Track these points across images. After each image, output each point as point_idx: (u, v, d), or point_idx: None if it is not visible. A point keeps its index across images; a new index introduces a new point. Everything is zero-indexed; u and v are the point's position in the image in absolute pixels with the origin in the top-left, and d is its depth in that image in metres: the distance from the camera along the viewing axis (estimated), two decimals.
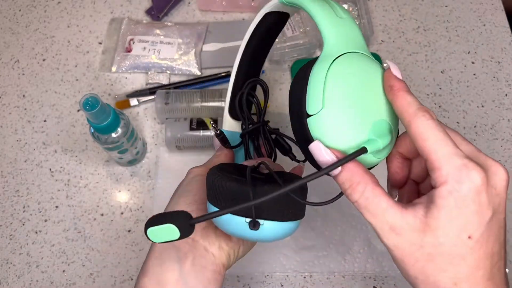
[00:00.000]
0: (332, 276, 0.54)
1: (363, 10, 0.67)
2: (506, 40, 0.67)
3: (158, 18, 0.69)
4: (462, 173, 0.26)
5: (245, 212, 0.32)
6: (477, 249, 0.26)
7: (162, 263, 0.36)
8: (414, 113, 0.28)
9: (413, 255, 0.27)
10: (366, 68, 0.31)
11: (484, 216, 0.26)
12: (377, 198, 0.28)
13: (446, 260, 0.26)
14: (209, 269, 0.36)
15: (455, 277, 0.26)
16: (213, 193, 0.34)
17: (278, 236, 0.34)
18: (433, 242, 0.27)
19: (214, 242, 0.37)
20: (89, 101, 0.47)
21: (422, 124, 0.28)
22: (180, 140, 0.58)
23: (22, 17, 0.71)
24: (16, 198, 0.59)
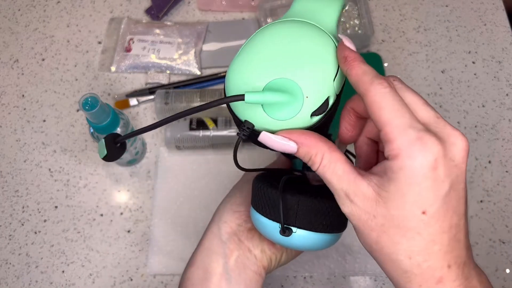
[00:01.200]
0: (332, 276, 0.54)
1: (364, 9, 0.67)
2: (507, 40, 0.67)
3: (157, 17, 0.69)
4: (415, 148, 0.25)
5: (278, 218, 0.33)
6: (432, 224, 0.25)
7: (209, 255, 0.38)
8: (370, 82, 0.27)
9: (368, 224, 0.27)
10: (298, 35, 0.30)
11: (440, 191, 0.25)
12: (333, 164, 0.28)
13: (399, 233, 0.26)
14: (251, 269, 0.38)
15: (409, 250, 0.26)
16: (253, 196, 0.36)
17: (310, 246, 0.34)
18: (385, 213, 0.26)
19: (258, 244, 0.39)
20: (89, 101, 0.47)
21: (377, 92, 0.26)
22: (179, 140, 0.58)
23: (21, 16, 0.71)
24: (16, 198, 0.59)
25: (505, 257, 0.55)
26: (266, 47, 0.30)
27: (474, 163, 0.59)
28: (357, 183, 0.27)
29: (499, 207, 0.57)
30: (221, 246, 0.38)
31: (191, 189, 0.58)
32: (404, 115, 0.26)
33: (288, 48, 0.29)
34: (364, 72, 0.27)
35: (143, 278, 0.54)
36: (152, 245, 0.55)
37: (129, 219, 0.57)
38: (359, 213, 0.27)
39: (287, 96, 0.28)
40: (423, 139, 0.25)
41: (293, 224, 0.33)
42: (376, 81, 0.27)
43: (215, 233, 0.39)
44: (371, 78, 0.27)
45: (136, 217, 0.57)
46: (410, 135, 0.25)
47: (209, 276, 0.37)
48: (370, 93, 0.27)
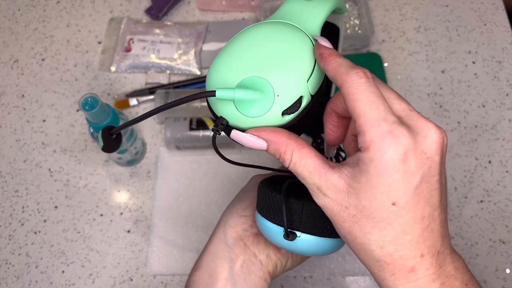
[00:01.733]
0: (332, 276, 0.54)
1: (364, 9, 0.67)
2: (507, 39, 0.67)
3: (157, 17, 0.69)
4: (386, 140, 0.25)
5: (283, 222, 0.33)
6: (403, 215, 0.26)
7: (215, 259, 0.38)
8: (346, 72, 0.27)
9: (340, 215, 0.28)
10: (276, 36, 0.31)
11: (411, 183, 0.25)
12: (304, 160, 0.28)
13: (370, 224, 0.26)
14: (256, 274, 0.38)
15: (380, 240, 0.26)
16: (259, 201, 0.36)
17: (314, 250, 0.34)
18: (356, 204, 0.27)
19: (263, 250, 0.39)
20: (89, 101, 0.47)
21: (353, 83, 0.26)
22: (179, 140, 0.58)
23: (21, 16, 0.71)
24: (15, 199, 0.59)
25: (505, 257, 0.55)
26: (244, 47, 0.31)
27: (474, 163, 0.59)
28: (328, 177, 0.28)
29: (499, 207, 0.57)
30: (226, 251, 0.38)
31: (191, 189, 0.58)
32: (378, 108, 0.26)
33: (264, 48, 0.30)
34: (339, 64, 0.28)
35: (143, 278, 0.54)
36: (152, 245, 0.55)
37: (129, 219, 0.57)
38: (331, 205, 0.28)
39: (257, 94, 0.29)
40: (394, 131, 0.25)
41: (297, 228, 0.33)
42: (351, 72, 0.27)
43: (220, 237, 0.39)
44: (346, 69, 0.27)
45: (136, 217, 0.57)
46: (382, 127, 0.25)
47: (214, 281, 0.37)
48: (346, 83, 0.27)
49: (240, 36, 0.32)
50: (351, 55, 0.66)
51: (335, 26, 0.44)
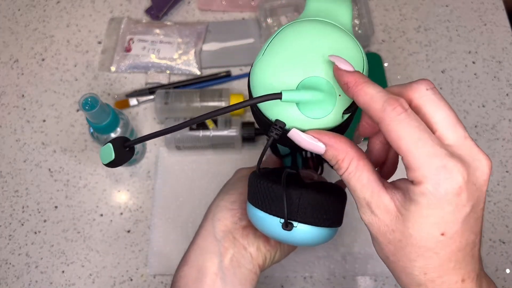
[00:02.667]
0: (332, 277, 0.54)
1: (364, 9, 0.67)
2: (507, 39, 0.67)
3: (157, 17, 0.69)
4: (439, 176, 0.24)
5: (279, 212, 0.33)
6: (450, 244, 0.26)
7: (203, 253, 0.38)
8: (381, 109, 0.25)
9: (386, 236, 0.27)
10: (322, 33, 0.30)
11: (461, 214, 0.25)
12: (359, 172, 0.28)
13: (416, 252, 0.26)
14: (246, 267, 0.38)
15: (425, 267, 0.26)
16: (251, 192, 0.35)
17: (311, 240, 0.34)
18: (403, 231, 0.26)
19: (253, 242, 0.39)
20: (89, 101, 0.47)
21: (392, 121, 0.25)
22: (179, 140, 0.58)
23: (21, 16, 0.71)
24: (15, 199, 0.59)
25: (505, 257, 0.55)
26: (293, 46, 0.30)
27: None
28: (381, 195, 0.27)
29: (499, 207, 0.57)
30: (215, 245, 0.38)
31: (191, 189, 0.58)
32: (425, 144, 0.25)
33: (316, 47, 0.29)
34: (371, 98, 0.26)
35: (143, 278, 0.54)
36: (152, 245, 0.55)
37: (129, 219, 0.57)
38: (378, 224, 0.27)
39: (321, 94, 0.29)
40: (447, 166, 0.24)
41: (294, 218, 0.33)
42: (388, 108, 0.25)
43: (209, 231, 0.39)
44: (381, 105, 0.25)
45: (136, 217, 0.57)
46: (434, 163, 0.24)
47: (202, 276, 0.37)
48: (384, 121, 0.25)
49: (283, 35, 0.31)
50: None
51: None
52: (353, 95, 0.27)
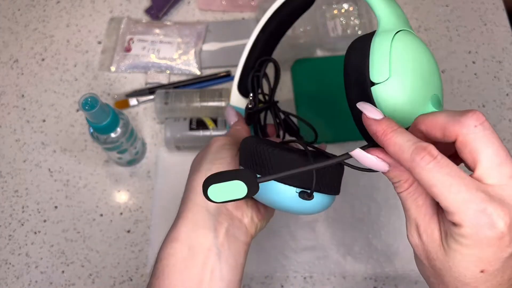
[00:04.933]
0: (332, 277, 0.54)
1: (364, 9, 0.67)
2: (507, 39, 0.67)
3: (157, 17, 0.69)
4: (479, 221, 0.24)
5: (298, 182, 0.33)
6: (490, 280, 0.26)
7: (196, 229, 0.35)
8: (411, 160, 0.25)
9: (428, 261, 0.28)
10: (419, 44, 0.31)
11: (503, 254, 0.25)
12: (417, 194, 0.28)
13: (455, 283, 0.26)
14: (241, 240, 0.36)
15: None
16: (259, 162, 0.34)
17: (319, 209, 0.35)
18: (444, 262, 0.26)
19: (247, 213, 0.37)
20: (88, 101, 0.47)
21: (423, 171, 0.25)
22: (179, 140, 0.58)
23: (21, 16, 0.71)
24: (15, 199, 0.59)
25: None
26: (415, 65, 0.30)
27: None
28: (431, 221, 0.27)
29: None
30: (209, 219, 0.35)
31: None
32: (459, 190, 0.24)
33: (427, 63, 0.31)
34: (400, 148, 0.26)
35: (143, 278, 0.54)
36: (152, 245, 0.55)
37: (129, 219, 0.57)
38: (422, 248, 0.28)
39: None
40: (486, 211, 0.24)
41: (309, 187, 0.33)
42: (416, 158, 0.25)
43: (200, 204, 0.36)
44: (410, 155, 0.25)
45: (136, 217, 0.57)
46: (471, 208, 0.24)
47: (195, 253, 0.35)
48: (414, 171, 0.25)
49: (398, 47, 0.30)
50: None
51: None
52: (383, 144, 0.28)
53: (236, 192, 0.28)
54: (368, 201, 0.56)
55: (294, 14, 0.47)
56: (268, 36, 0.47)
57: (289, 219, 0.56)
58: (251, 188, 0.28)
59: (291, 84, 0.64)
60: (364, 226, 0.56)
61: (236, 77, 0.48)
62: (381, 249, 0.54)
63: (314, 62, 0.66)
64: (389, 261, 0.54)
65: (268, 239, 0.55)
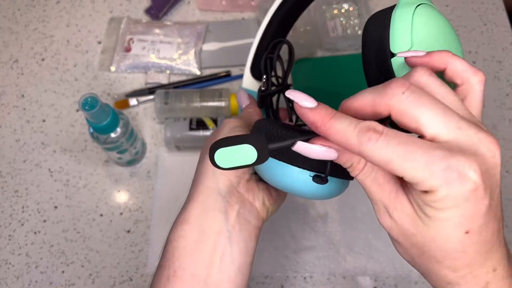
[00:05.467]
0: (332, 277, 0.54)
1: (364, 9, 0.67)
2: (507, 39, 0.67)
3: (157, 17, 0.69)
4: (448, 179, 0.22)
5: (313, 165, 0.32)
6: (476, 239, 0.24)
7: (207, 211, 0.35)
8: (359, 144, 0.24)
9: (408, 240, 0.26)
10: (441, 17, 0.31)
11: (482, 207, 0.23)
12: (375, 172, 0.26)
13: (442, 254, 0.25)
14: (252, 223, 0.36)
15: (453, 266, 0.25)
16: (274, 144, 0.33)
17: (334, 193, 0.34)
18: (425, 235, 0.25)
19: (258, 196, 0.37)
20: (88, 101, 0.47)
21: (375, 151, 0.23)
22: (179, 140, 0.58)
23: (21, 16, 0.71)
24: (15, 199, 0.59)
25: None
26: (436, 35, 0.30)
27: None
28: (398, 197, 0.25)
29: None
30: (220, 201, 0.35)
31: None
32: (416, 156, 0.23)
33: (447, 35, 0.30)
34: (344, 134, 0.24)
35: (143, 279, 0.54)
36: (152, 245, 0.55)
37: (129, 219, 0.57)
38: (398, 228, 0.26)
39: None
40: (451, 167, 0.22)
41: (324, 171, 0.32)
42: (363, 140, 0.24)
43: (210, 187, 0.36)
44: (356, 140, 0.24)
45: (136, 217, 0.57)
46: (436, 169, 0.23)
47: (205, 236, 0.34)
48: (366, 153, 0.24)
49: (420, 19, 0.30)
50: (351, 55, 0.66)
51: None
52: (325, 134, 0.25)
53: (245, 158, 0.27)
54: (368, 201, 0.56)
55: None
56: (282, 17, 0.46)
57: (289, 219, 0.56)
58: (261, 154, 0.27)
59: (291, 85, 0.64)
60: (364, 226, 0.56)
61: (249, 59, 0.47)
62: (381, 249, 0.54)
63: (314, 62, 0.66)
64: (389, 261, 0.54)
65: (268, 239, 0.55)
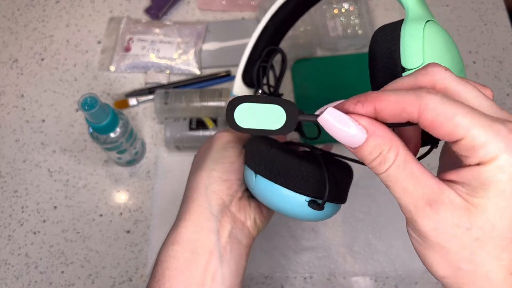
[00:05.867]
0: (332, 277, 0.54)
1: (364, 9, 0.67)
2: (507, 39, 0.67)
3: (157, 17, 0.69)
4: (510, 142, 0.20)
5: (309, 191, 0.32)
6: None
7: (199, 231, 0.34)
8: (419, 97, 0.21)
9: (459, 240, 0.21)
10: (446, 35, 0.32)
11: None
12: (409, 165, 0.22)
13: (500, 247, 0.21)
14: (243, 243, 0.36)
15: (510, 265, 0.21)
16: (268, 166, 0.33)
17: (326, 217, 0.34)
18: (482, 224, 0.21)
19: (250, 215, 0.36)
20: (88, 101, 0.47)
21: (438, 104, 0.21)
22: (179, 140, 0.58)
23: (21, 16, 0.71)
24: (15, 199, 0.58)
25: None
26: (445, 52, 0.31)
27: None
28: (442, 189, 0.22)
29: None
30: (212, 221, 0.34)
31: None
32: (480, 115, 0.21)
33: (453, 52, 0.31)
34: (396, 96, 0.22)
35: (143, 279, 0.54)
36: (152, 245, 0.55)
37: (129, 220, 0.57)
38: (445, 227, 0.22)
39: None
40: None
41: (321, 197, 0.32)
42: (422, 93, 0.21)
43: (203, 206, 0.35)
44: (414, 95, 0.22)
45: (136, 218, 0.57)
46: (502, 131, 0.20)
47: (197, 256, 0.34)
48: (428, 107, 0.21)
49: (430, 35, 0.31)
50: (351, 55, 0.66)
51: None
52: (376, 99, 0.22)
53: (270, 122, 0.24)
54: (368, 201, 0.56)
55: (305, 4, 0.45)
56: (276, 26, 0.46)
57: (289, 219, 0.56)
58: (289, 120, 0.24)
59: (291, 84, 0.64)
60: (364, 226, 0.55)
61: (241, 65, 0.47)
62: (381, 249, 0.54)
63: (314, 62, 0.66)
64: (389, 261, 0.54)
65: (268, 239, 0.55)
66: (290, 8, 0.45)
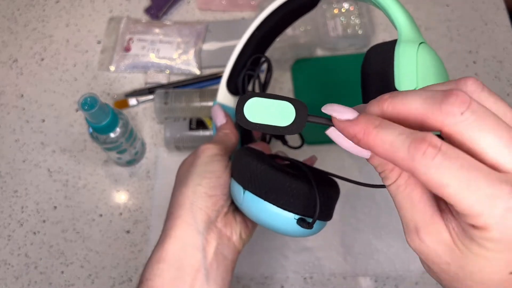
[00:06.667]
0: (332, 277, 0.54)
1: (364, 9, 0.67)
2: (508, 39, 0.67)
3: (157, 17, 0.69)
4: (508, 221, 0.19)
5: (298, 209, 0.32)
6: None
7: (185, 248, 0.34)
8: (410, 158, 0.20)
9: (439, 267, 0.23)
10: (437, 57, 0.32)
11: None
12: (410, 188, 0.22)
13: (478, 287, 0.22)
14: (229, 258, 0.35)
15: None
16: (258, 183, 0.33)
17: (312, 233, 0.35)
18: (462, 266, 0.22)
19: (236, 230, 0.36)
20: (88, 101, 0.47)
21: (429, 170, 0.20)
22: (179, 140, 0.58)
23: (20, 16, 0.71)
24: (15, 199, 0.58)
25: None
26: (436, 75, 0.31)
27: None
28: (434, 221, 0.22)
29: None
30: (198, 238, 0.34)
31: None
32: (479, 185, 0.19)
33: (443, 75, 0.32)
34: (391, 146, 0.21)
35: None
36: (152, 245, 0.55)
37: (129, 220, 0.57)
38: (429, 253, 0.22)
39: None
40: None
41: (310, 215, 0.33)
42: (417, 155, 0.20)
43: (189, 222, 0.35)
44: (407, 153, 0.20)
45: (136, 218, 0.57)
46: (499, 208, 0.19)
47: (183, 274, 0.33)
48: (418, 171, 0.20)
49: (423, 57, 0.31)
50: (351, 55, 0.66)
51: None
52: (368, 147, 0.22)
53: (280, 118, 0.24)
54: (368, 202, 0.56)
55: (293, 15, 0.46)
56: (264, 34, 0.45)
57: None
58: (299, 118, 0.24)
59: (291, 84, 0.64)
60: (365, 227, 0.55)
61: (226, 72, 0.46)
62: (381, 249, 0.54)
63: (314, 62, 0.66)
64: (390, 261, 0.54)
65: (268, 240, 0.55)
66: (279, 18, 0.44)
